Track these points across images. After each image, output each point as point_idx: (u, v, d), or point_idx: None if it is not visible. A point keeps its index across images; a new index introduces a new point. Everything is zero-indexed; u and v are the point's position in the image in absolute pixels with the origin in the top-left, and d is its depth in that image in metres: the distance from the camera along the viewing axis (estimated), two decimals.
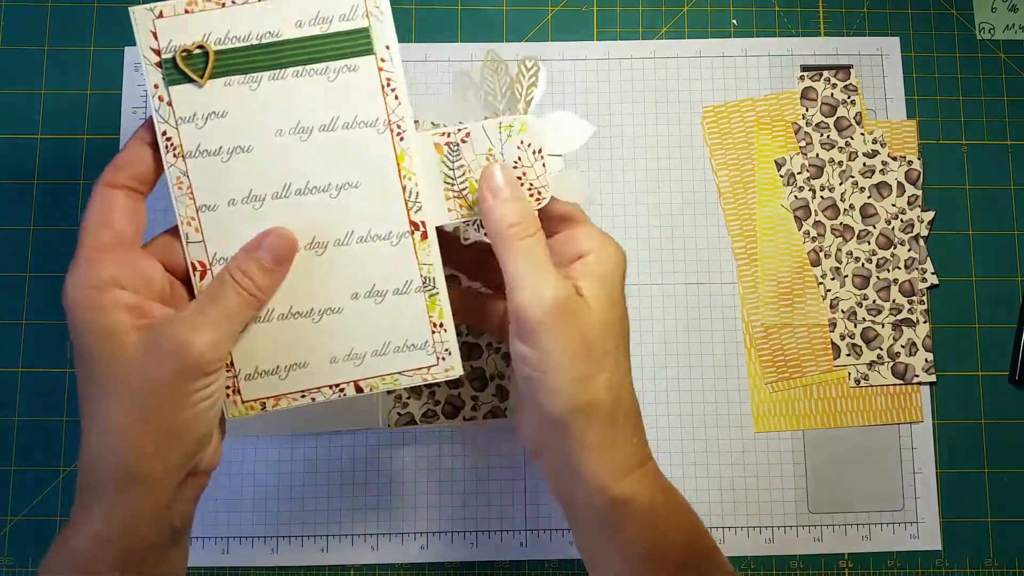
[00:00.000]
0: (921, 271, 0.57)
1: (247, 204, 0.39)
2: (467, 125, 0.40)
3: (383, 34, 0.38)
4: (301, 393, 0.40)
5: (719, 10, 0.61)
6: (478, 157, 0.40)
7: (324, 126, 0.39)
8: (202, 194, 0.39)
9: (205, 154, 0.38)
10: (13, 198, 0.57)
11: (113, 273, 0.36)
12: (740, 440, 0.56)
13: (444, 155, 0.40)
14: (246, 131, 0.38)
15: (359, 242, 0.39)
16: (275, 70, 0.38)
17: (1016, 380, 0.57)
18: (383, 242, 0.39)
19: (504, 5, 0.60)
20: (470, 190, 0.40)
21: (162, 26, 0.38)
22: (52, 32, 0.59)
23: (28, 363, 0.56)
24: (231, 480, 0.55)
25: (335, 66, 0.38)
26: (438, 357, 0.40)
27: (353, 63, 0.38)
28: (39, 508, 0.55)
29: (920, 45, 0.60)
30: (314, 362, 0.40)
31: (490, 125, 0.40)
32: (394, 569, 0.55)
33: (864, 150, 0.58)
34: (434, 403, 0.55)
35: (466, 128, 0.40)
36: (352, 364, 0.40)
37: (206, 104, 0.38)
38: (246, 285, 0.37)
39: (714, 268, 0.58)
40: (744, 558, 0.55)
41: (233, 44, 0.38)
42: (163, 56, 0.38)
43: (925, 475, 0.56)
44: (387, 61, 0.38)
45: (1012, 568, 0.55)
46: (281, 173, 0.39)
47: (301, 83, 0.38)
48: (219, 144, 0.38)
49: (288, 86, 0.38)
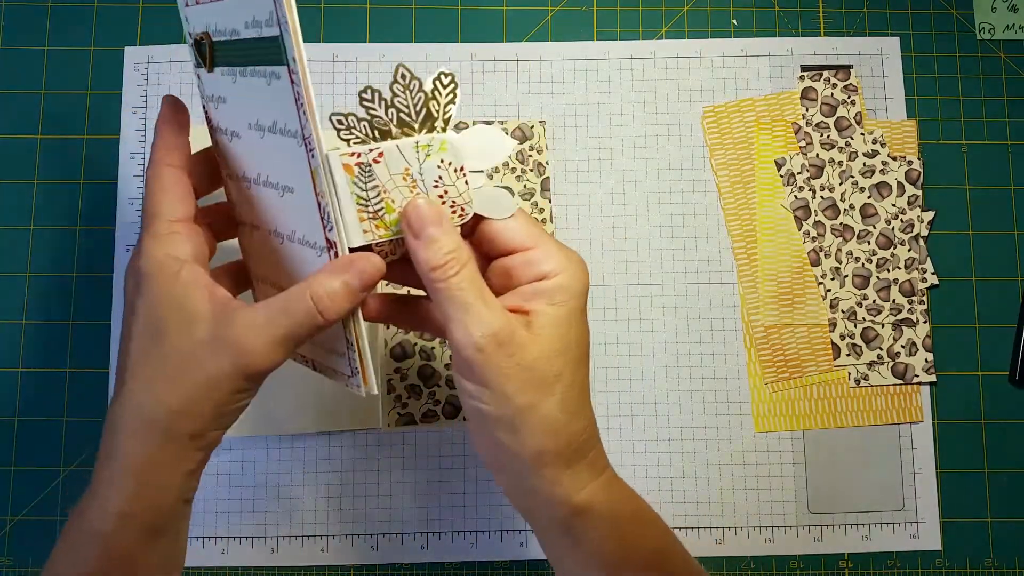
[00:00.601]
0: (921, 271, 0.57)
1: (244, 182, 0.41)
2: (379, 145, 0.37)
3: (291, 45, 0.34)
4: None
5: (719, 10, 0.61)
6: (394, 177, 0.38)
7: (270, 127, 0.38)
8: (223, 164, 0.42)
9: (222, 132, 0.41)
10: (13, 198, 0.57)
11: (192, 247, 0.38)
12: (740, 440, 0.56)
13: (355, 176, 0.37)
14: (234, 119, 0.40)
15: (299, 243, 0.39)
16: (242, 67, 0.38)
17: (1016, 380, 0.57)
18: (312, 250, 0.39)
19: (504, 5, 0.60)
20: (387, 210, 0.38)
21: (188, 14, 0.40)
22: (52, 32, 0.59)
23: (28, 363, 0.56)
24: (231, 480, 0.55)
25: (267, 71, 0.36)
26: (352, 370, 0.40)
27: (277, 71, 0.36)
28: (39, 508, 0.55)
29: (920, 45, 0.60)
30: None
31: (406, 144, 0.37)
32: (394, 569, 0.55)
33: (864, 150, 0.58)
34: (434, 403, 0.55)
35: (378, 148, 0.37)
36: (311, 344, 0.42)
37: (215, 88, 0.40)
38: (323, 307, 0.37)
39: (714, 268, 0.58)
40: (744, 558, 0.55)
41: (218, 37, 0.39)
42: (190, 41, 0.41)
43: (925, 475, 0.56)
44: (295, 74, 0.35)
45: (1012, 568, 0.55)
46: (252, 163, 0.40)
47: (254, 82, 0.37)
48: (225, 125, 0.40)
49: (249, 83, 0.38)
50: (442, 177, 0.38)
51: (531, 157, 0.58)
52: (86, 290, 0.57)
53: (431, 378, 0.55)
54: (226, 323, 0.36)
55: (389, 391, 0.55)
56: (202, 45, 0.39)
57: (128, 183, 0.57)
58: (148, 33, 0.59)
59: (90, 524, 0.37)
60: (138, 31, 0.59)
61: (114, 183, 0.57)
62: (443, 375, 0.55)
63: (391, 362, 0.55)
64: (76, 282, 0.57)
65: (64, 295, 0.56)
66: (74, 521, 0.38)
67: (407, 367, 0.55)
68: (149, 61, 0.58)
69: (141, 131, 0.57)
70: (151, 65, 0.58)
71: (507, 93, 0.59)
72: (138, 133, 0.57)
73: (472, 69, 0.59)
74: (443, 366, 0.55)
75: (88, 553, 0.37)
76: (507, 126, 0.58)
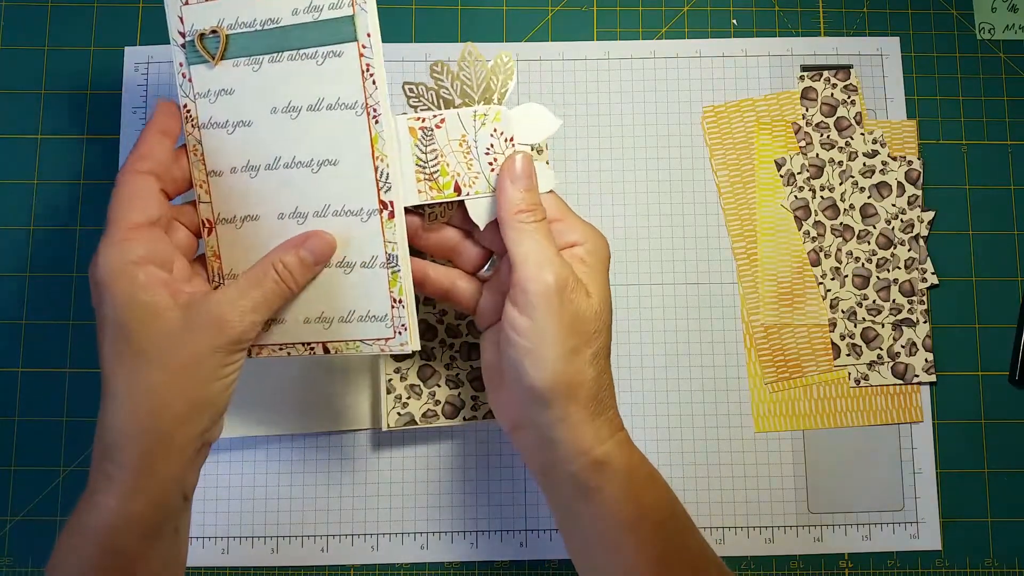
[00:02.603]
0: (921, 271, 0.57)
1: (245, 172, 0.43)
2: (442, 112, 0.43)
3: (366, 23, 0.41)
4: (279, 346, 0.44)
5: (719, 10, 0.61)
6: (451, 142, 0.43)
7: (311, 106, 0.42)
8: (211, 161, 0.43)
9: (215, 126, 0.43)
10: (13, 198, 0.57)
11: (146, 251, 0.39)
12: (740, 440, 0.56)
13: (418, 139, 0.43)
14: (248, 107, 0.43)
15: (334, 215, 0.43)
16: (274, 53, 0.42)
17: (1016, 380, 0.57)
18: (354, 218, 0.43)
19: (504, 5, 0.60)
20: (441, 173, 0.43)
21: (187, 12, 0.42)
22: (52, 32, 0.59)
23: (28, 363, 0.56)
24: (231, 480, 0.55)
25: (323, 51, 0.42)
26: (395, 331, 0.43)
27: (338, 49, 0.41)
28: (39, 508, 0.55)
29: (920, 45, 0.60)
30: (290, 320, 0.43)
31: (465, 113, 0.43)
32: (394, 569, 0.55)
33: (864, 150, 0.58)
34: (434, 403, 0.55)
35: (441, 115, 0.43)
36: (322, 327, 0.43)
37: (218, 82, 0.43)
38: (284, 276, 0.41)
39: (714, 268, 0.58)
40: (744, 558, 0.55)
41: (241, 29, 0.42)
42: (186, 38, 0.43)
43: (925, 475, 0.56)
44: (367, 48, 0.41)
45: (1012, 568, 0.55)
46: (273, 147, 0.43)
47: (294, 66, 0.42)
48: (226, 118, 0.43)
49: (284, 68, 0.42)
50: (493, 145, 0.43)
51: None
52: (86, 290, 0.56)
53: (431, 378, 0.55)
54: (195, 307, 0.39)
55: (389, 391, 0.55)
56: (209, 40, 0.42)
57: None
58: (148, 33, 0.59)
59: (89, 521, 0.37)
60: (138, 31, 0.59)
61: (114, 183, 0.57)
62: (443, 375, 0.55)
63: (391, 362, 0.55)
64: (76, 282, 0.57)
65: (64, 295, 0.56)
66: (73, 519, 0.38)
67: (407, 367, 0.55)
68: (149, 61, 0.58)
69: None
70: (151, 65, 0.58)
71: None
72: (138, 133, 0.57)
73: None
74: (443, 366, 0.55)
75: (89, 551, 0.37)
76: None
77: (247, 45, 0.42)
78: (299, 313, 0.43)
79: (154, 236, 0.40)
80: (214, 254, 0.44)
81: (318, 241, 0.42)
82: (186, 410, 0.38)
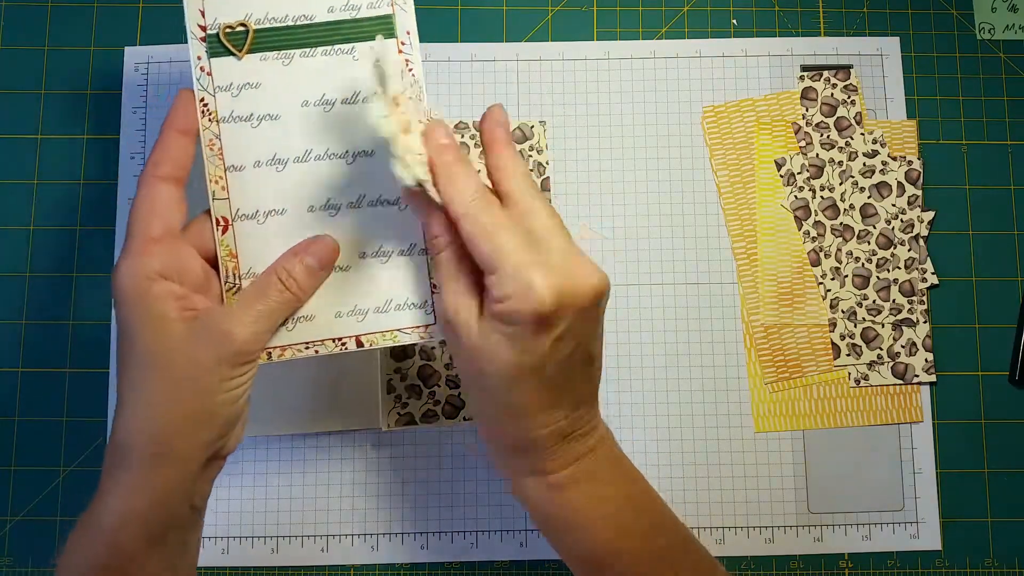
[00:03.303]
0: (921, 271, 0.57)
1: (271, 166, 0.43)
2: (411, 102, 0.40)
3: (405, 21, 0.42)
4: (306, 344, 0.43)
5: (719, 10, 0.61)
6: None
7: (346, 99, 0.42)
8: (231, 155, 0.43)
9: (237, 120, 0.43)
10: (13, 198, 0.57)
11: (163, 265, 0.39)
12: (740, 440, 0.56)
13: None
14: (276, 101, 0.43)
15: (370, 205, 0.43)
16: (307, 48, 0.42)
17: (1016, 380, 0.57)
18: (392, 207, 0.43)
19: (504, 5, 0.60)
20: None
21: (209, 5, 0.42)
22: (52, 32, 0.59)
23: (28, 363, 0.56)
24: (231, 480, 0.55)
25: (361, 47, 0.42)
26: (436, 317, 0.43)
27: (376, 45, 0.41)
28: (39, 508, 0.55)
29: (920, 45, 0.60)
30: (320, 316, 0.43)
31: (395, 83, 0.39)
32: (394, 569, 0.55)
33: (864, 150, 0.58)
34: (434, 403, 0.55)
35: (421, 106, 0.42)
36: (355, 319, 0.43)
37: (242, 75, 0.42)
38: (289, 285, 0.41)
39: (714, 268, 0.58)
40: (744, 558, 0.55)
41: (271, 24, 0.42)
42: (208, 31, 0.42)
43: (925, 475, 0.56)
44: (407, 44, 0.42)
45: (1012, 568, 0.55)
46: (304, 139, 0.43)
47: (329, 60, 0.42)
48: (251, 111, 0.43)
49: (317, 63, 0.42)
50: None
51: (531, 157, 0.58)
52: (86, 290, 0.57)
53: (431, 378, 0.55)
54: (201, 320, 0.39)
55: (389, 391, 0.55)
56: (234, 34, 0.42)
57: (128, 183, 0.57)
58: (148, 33, 0.59)
59: (95, 520, 0.38)
60: (138, 31, 0.59)
61: (114, 183, 0.57)
62: (443, 375, 0.55)
63: (391, 362, 0.55)
64: (76, 282, 0.57)
65: (64, 295, 0.56)
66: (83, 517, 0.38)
67: (407, 367, 0.55)
68: (149, 61, 0.58)
69: (141, 131, 0.57)
70: (151, 65, 0.58)
71: (507, 93, 0.59)
72: (138, 133, 0.57)
73: (472, 69, 0.59)
74: (443, 366, 0.55)
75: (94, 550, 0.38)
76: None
77: (277, 39, 0.42)
78: (330, 308, 0.43)
79: (172, 248, 0.40)
80: (230, 253, 0.43)
81: (322, 246, 0.42)
82: (185, 421, 0.38)
